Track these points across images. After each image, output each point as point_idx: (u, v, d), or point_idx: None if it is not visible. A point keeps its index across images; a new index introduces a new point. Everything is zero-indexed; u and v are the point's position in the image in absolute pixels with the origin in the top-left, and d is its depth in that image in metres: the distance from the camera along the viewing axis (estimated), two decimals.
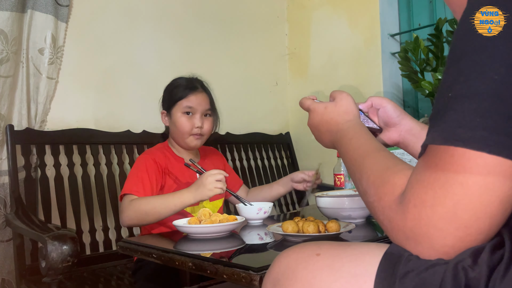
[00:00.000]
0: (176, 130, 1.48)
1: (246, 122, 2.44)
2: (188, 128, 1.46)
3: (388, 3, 2.28)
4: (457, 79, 0.46)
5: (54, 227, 1.38)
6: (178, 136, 1.49)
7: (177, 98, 1.47)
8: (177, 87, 1.49)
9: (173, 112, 1.48)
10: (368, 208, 0.57)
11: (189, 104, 1.46)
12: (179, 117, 1.46)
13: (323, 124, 0.80)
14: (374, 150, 0.64)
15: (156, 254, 0.99)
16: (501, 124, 0.43)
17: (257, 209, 1.29)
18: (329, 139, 0.79)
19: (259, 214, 1.30)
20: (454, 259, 0.46)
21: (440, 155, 0.46)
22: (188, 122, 1.46)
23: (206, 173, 1.27)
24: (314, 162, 2.53)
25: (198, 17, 2.28)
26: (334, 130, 0.77)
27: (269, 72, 2.63)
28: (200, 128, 1.46)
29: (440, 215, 0.45)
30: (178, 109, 1.47)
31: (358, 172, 0.62)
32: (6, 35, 1.60)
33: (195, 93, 1.48)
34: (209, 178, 1.24)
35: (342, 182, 1.60)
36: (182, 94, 1.47)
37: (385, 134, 0.88)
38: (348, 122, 0.76)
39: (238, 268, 0.80)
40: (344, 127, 0.75)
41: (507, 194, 0.44)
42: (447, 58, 0.50)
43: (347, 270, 0.52)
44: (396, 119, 0.86)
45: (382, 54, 2.23)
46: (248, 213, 1.30)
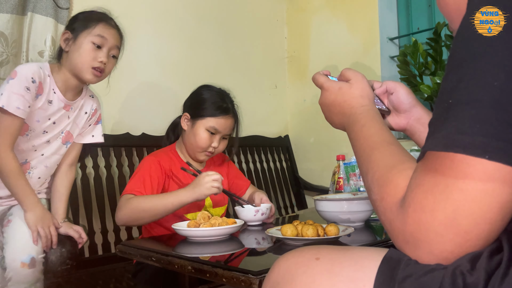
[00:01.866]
0: (193, 141, 1.48)
1: (245, 125, 2.42)
2: (206, 145, 1.47)
3: (387, 7, 2.29)
4: (457, 85, 0.47)
5: None
6: (191, 147, 1.51)
7: (206, 114, 1.47)
8: (209, 101, 1.48)
9: (197, 124, 1.48)
10: (371, 204, 0.58)
11: (216, 126, 1.46)
12: (202, 132, 1.46)
13: (336, 106, 0.77)
14: (384, 143, 0.62)
15: (156, 257, 0.99)
16: (500, 130, 0.43)
17: (254, 211, 1.30)
18: (340, 122, 0.77)
19: (256, 216, 1.31)
20: (453, 264, 0.46)
21: (440, 161, 0.46)
22: (208, 140, 1.47)
23: (203, 173, 1.29)
24: (313, 165, 2.54)
25: (198, 20, 2.29)
26: (347, 114, 0.74)
27: (269, 75, 2.64)
28: (215, 148, 1.49)
29: (440, 220, 0.45)
30: (203, 124, 1.47)
31: (365, 164, 0.62)
32: (6, 37, 1.60)
33: (226, 117, 1.48)
34: (206, 178, 1.26)
35: (341, 185, 1.60)
36: (213, 112, 1.47)
37: (393, 118, 0.87)
38: (362, 107, 0.73)
39: (238, 271, 0.80)
40: (358, 112, 0.72)
41: (506, 200, 0.44)
42: (447, 63, 0.50)
43: (346, 274, 0.52)
44: (407, 106, 0.85)
45: (381, 57, 2.23)
46: (246, 215, 1.31)
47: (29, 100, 1.23)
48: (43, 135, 1.34)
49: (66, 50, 1.31)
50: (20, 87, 1.21)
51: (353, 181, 1.55)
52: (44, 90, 1.29)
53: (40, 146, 1.35)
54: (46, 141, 1.36)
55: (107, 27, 1.32)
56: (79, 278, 1.57)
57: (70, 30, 1.31)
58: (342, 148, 1.91)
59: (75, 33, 1.29)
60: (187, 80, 1.71)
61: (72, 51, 1.29)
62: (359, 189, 1.52)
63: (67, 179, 1.42)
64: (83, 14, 1.35)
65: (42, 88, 1.29)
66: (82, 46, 1.28)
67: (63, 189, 1.40)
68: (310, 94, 2.57)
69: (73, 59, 1.29)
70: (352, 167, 1.57)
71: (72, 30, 1.30)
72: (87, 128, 1.47)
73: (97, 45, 1.29)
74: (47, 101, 1.31)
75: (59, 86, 1.33)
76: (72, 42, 1.29)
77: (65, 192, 1.40)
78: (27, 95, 1.22)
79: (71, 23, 1.34)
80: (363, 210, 1.18)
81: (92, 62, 1.28)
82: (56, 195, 1.40)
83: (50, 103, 1.32)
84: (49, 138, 1.36)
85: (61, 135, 1.39)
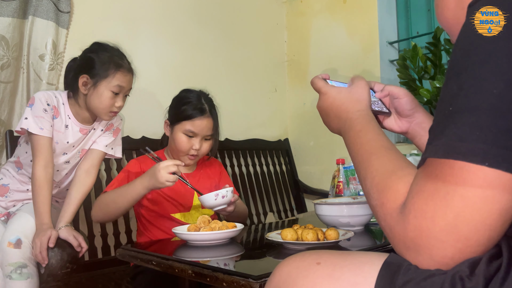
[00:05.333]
0: (174, 146, 1.50)
1: (245, 129, 2.44)
2: (186, 149, 1.47)
3: (386, 11, 2.30)
4: (458, 93, 0.47)
5: None
6: (174, 152, 1.52)
7: (182, 117, 1.47)
8: (185, 105, 1.48)
9: (175, 128, 1.48)
10: (371, 209, 0.58)
11: (192, 129, 1.46)
12: (180, 136, 1.47)
13: (333, 109, 0.77)
14: (382, 148, 0.62)
15: (156, 261, 0.99)
16: (500, 137, 0.44)
17: (214, 195, 1.29)
18: (337, 126, 0.77)
19: (217, 200, 1.29)
20: (452, 269, 0.47)
21: (440, 167, 0.47)
22: (187, 144, 1.47)
23: (159, 164, 1.26)
24: (313, 168, 2.55)
25: (198, 24, 2.30)
26: (343, 118, 0.74)
27: (268, 79, 2.64)
28: (197, 150, 1.48)
29: (441, 226, 0.46)
30: (180, 128, 1.47)
31: (363, 170, 0.61)
32: (7, 41, 1.61)
33: (202, 118, 1.46)
34: (162, 171, 1.24)
35: (340, 189, 1.60)
36: (188, 115, 1.46)
37: (395, 121, 0.88)
38: (358, 112, 0.73)
39: (238, 275, 0.80)
40: (354, 117, 0.73)
41: (506, 207, 0.44)
42: (447, 70, 0.51)
43: (347, 279, 0.53)
44: (409, 111, 0.85)
45: (380, 61, 2.24)
46: (207, 201, 1.30)
47: (49, 120, 1.37)
48: (63, 156, 1.46)
49: (85, 93, 1.40)
50: (39, 110, 1.35)
51: (353, 185, 1.56)
52: (60, 114, 1.42)
53: (60, 165, 1.47)
54: (66, 162, 1.48)
55: (124, 75, 1.41)
56: (79, 281, 1.57)
57: (88, 75, 1.37)
58: (342, 151, 1.91)
59: (94, 79, 1.37)
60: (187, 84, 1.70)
61: (92, 96, 1.39)
62: (359, 193, 1.52)
63: (81, 184, 1.46)
64: (99, 58, 1.39)
65: (58, 112, 1.41)
66: (102, 95, 1.38)
67: (76, 194, 1.44)
68: (309, 97, 2.57)
69: (93, 103, 1.39)
70: (352, 171, 1.57)
71: (91, 76, 1.37)
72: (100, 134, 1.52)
73: (115, 92, 1.39)
74: (64, 125, 1.43)
75: (74, 114, 1.45)
76: (91, 87, 1.38)
77: (77, 197, 1.43)
78: (46, 116, 1.36)
79: (87, 66, 1.39)
80: (363, 214, 1.19)
81: (111, 108, 1.40)
82: (67, 198, 1.44)
83: (66, 128, 1.43)
84: (68, 159, 1.48)
85: (78, 154, 1.49)
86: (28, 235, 1.27)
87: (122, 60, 1.42)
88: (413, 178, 0.51)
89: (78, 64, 1.42)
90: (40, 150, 1.34)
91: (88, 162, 1.49)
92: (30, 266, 1.26)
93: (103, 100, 1.37)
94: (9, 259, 1.24)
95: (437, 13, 0.63)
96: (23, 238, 1.26)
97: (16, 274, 1.23)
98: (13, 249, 1.24)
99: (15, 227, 1.29)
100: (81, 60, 1.42)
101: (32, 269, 1.26)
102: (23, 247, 1.25)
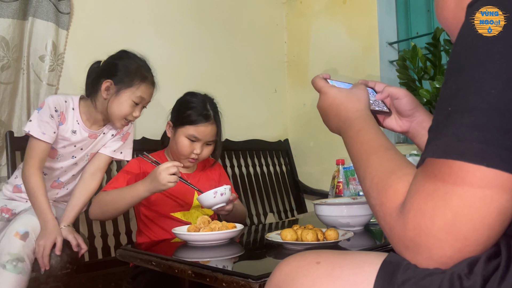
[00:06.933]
0: (175, 148, 1.50)
1: (245, 129, 2.44)
2: (187, 152, 1.47)
3: (386, 11, 2.30)
4: (456, 93, 0.47)
5: None
6: (175, 154, 1.52)
7: (186, 122, 1.47)
8: (190, 110, 1.48)
9: (178, 131, 1.49)
10: (370, 209, 0.58)
11: (195, 134, 1.46)
12: (182, 140, 1.47)
13: (333, 109, 0.77)
14: (381, 148, 0.62)
15: (156, 262, 0.99)
16: (498, 137, 0.44)
17: (213, 193, 1.29)
18: (336, 126, 0.77)
19: (216, 197, 1.30)
20: (451, 268, 0.47)
21: (439, 167, 0.47)
22: (188, 148, 1.47)
23: (160, 167, 1.27)
24: (313, 169, 2.55)
25: (198, 25, 2.30)
26: (343, 118, 0.75)
27: (268, 80, 2.64)
28: (197, 155, 1.48)
29: (440, 226, 0.46)
30: (183, 132, 1.47)
31: (362, 169, 0.61)
32: (7, 42, 1.61)
33: (206, 124, 1.47)
34: (162, 173, 1.25)
35: (340, 190, 1.60)
36: (193, 120, 1.46)
37: (396, 121, 0.88)
38: (358, 111, 0.74)
39: (238, 276, 0.80)
40: (353, 117, 0.73)
41: (505, 206, 0.45)
42: (446, 71, 0.51)
43: (347, 278, 0.53)
44: (410, 111, 0.86)
45: (380, 62, 2.24)
46: (206, 200, 1.30)
47: (53, 127, 1.37)
48: (71, 159, 1.47)
49: (105, 98, 1.39)
50: (46, 115, 1.35)
51: (353, 185, 1.56)
52: (66, 120, 1.42)
53: (69, 167, 1.48)
54: (74, 164, 1.49)
55: (148, 87, 1.42)
56: (79, 282, 1.57)
57: (112, 80, 1.37)
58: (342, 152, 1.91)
59: (117, 86, 1.37)
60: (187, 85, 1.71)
61: (112, 102, 1.38)
62: (359, 193, 1.52)
63: (85, 187, 1.46)
64: (126, 67, 1.39)
65: (65, 118, 1.41)
66: (124, 103, 1.38)
67: (79, 195, 1.45)
68: (309, 98, 2.57)
69: (111, 109, 1.39)
70: (352, 171, 1.57)
71: (115, 82, 1.37)
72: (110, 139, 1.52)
73: (136, 103, 1.40)
74: (70, 131, 1.43)
75: (84, 119, 1.45)
76: (113, 92, 1.38)
77: (81, 198, 1.44)
78: (52, 122, 1.36)
79: (111, 70, 1.39)
80: (363, 214, 1.19)
81: (128, 116, 1.40)
82: (71, 200, 1.44)
83: (74, 133, 1.44)
84: (76, 161, 1.49)
85: (87, 157, 1.50)
86: (37, 232, 1.29)
87: (148, 73, 1.43)
88: (413, 178, 0.51)
89: (103, 69, 1.42)
90: (37, 153, 1.34)
91: (94, 165, 1.49)
92: (27, 262, 1.26)
93: (123, 108, 1.38)
94: (11, 248, 1.24)
95: (437, 13, 0.63)
96: (31, 232, 1.28)
97: (11, 265, 1.23)
98: (18, 240, 1.25)
99: (26, 221, 1.30)
100: (106, 65, 1.42)
101: (27, 266, 1.26)
102: (27, 241, 1.26)
